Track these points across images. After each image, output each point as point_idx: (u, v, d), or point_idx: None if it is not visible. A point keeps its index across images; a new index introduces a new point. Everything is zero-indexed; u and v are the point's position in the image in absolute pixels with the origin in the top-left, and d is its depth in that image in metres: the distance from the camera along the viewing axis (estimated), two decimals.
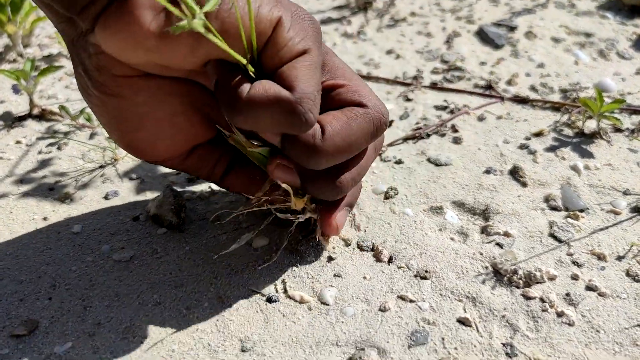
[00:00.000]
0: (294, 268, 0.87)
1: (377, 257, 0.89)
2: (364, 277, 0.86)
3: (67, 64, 1.50)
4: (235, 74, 0.58)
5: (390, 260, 0.89)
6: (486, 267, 0.87)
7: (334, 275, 0.86)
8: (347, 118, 0.63)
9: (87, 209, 1.01)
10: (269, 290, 0.83)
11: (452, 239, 0.93)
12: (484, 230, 0.94)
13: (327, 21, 1.69)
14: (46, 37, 1.67)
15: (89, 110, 1.21)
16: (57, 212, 1.00)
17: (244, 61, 0.59)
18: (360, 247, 0.91)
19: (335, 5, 1.82)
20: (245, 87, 0.57)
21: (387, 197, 1.02)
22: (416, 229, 0.95)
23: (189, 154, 0.78)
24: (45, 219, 0.98)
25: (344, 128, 0.63)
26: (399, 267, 0.88)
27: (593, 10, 1.75)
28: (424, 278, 0.85)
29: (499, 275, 0.85)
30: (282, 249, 0.89)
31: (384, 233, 0.94)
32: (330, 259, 0.89)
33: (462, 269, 0.87)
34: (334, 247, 0.91)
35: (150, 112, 0.67)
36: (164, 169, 1.10)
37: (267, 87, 0.56)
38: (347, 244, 0.91)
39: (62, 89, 1.39)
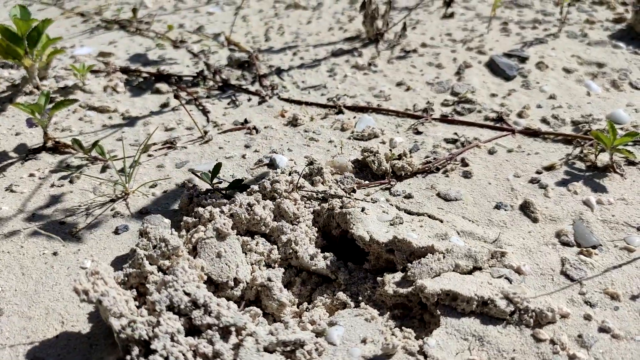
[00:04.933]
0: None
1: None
2: (368, 319, 0.85)
3: (82, 97, 1.52)
4: None
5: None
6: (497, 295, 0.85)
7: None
8: None
9: (97, 244, 1.02)
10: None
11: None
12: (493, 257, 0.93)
13: (338, 53, 1.71)
14: (62, 68, 1.70)
15: (101, 143, 1.22)
16: (67, 247, 1.00)
17: None
18: None
19: (347, 36, 1.83)
20: None
21: (392, 224, 1.01)
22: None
23: None
24: (55, 253, 0.99)
25: None
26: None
27: (605, 39, 1.74)
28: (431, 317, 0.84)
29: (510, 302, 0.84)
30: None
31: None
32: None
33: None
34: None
35: None
36: (175, 205, 1.11)
37: None
38: None
39: (76, 121, 1.41)
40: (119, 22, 2.05)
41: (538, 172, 1.17)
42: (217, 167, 1.09)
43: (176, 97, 1.25)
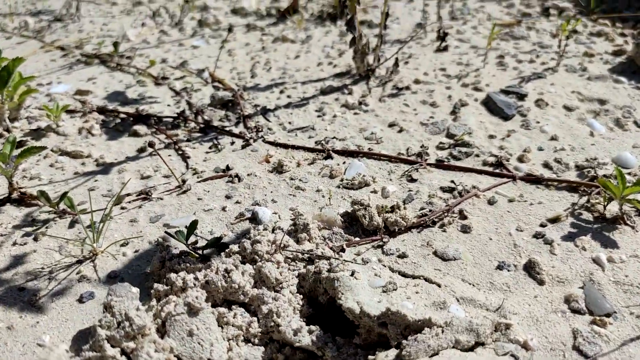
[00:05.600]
0: None
1: None
2: None
3: (55, 140, 1.43)
4: None
5: None
6: None
7: None
8: None
9: (59, 314, 0.91)
10: None
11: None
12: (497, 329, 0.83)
13: (327, 90, 1.62)
14: (37, 108, 1.61)
15: (71, 193, 1.13)
16: (24, 319, 0.90)
17: None
18: None
19: (337, 72, 1.75)
20: None
21: (385, 290, 0.91)
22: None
23: None
24: (10, 327, 0.89)
25: None
26: None
27: (606, 74, 1.67)
28: None
29: None
30: None
31: None
32: None
33: None
34: None
35: None
36: (148, 267, 1.01)
37: None
38: None
39: (46, 168, 1.32)
40: (100, 57, 1.96)
41: (542, 225, 1.08)
42: (193, 225, 1.00)
43: (150, 145, 1.16)
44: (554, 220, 1.09)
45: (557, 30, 2.03)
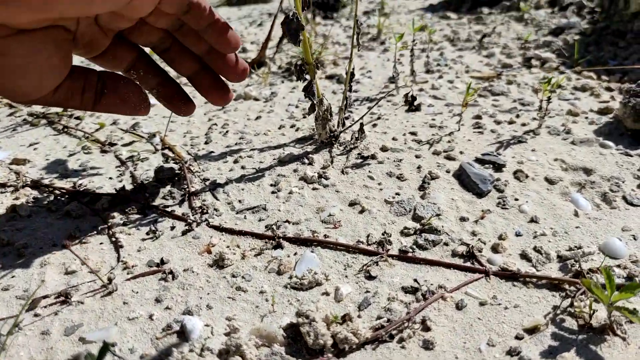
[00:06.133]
0: None
1: None
2: None
3: None
4: None
5: None
6: None
7: None
8: None
9: None
10: None
11: None
12: None
13: (286, 160, 1.47)
14: None
15: None
16: None
17: None
18: None
19: (299, 136, 1.61)
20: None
21: None
22: None
23: (57, 88, 0.92)
24: None
25: None
26: None
27: (592, 137, 1.53)
28: None
29: None
30: None
31: None
32: None
33: None
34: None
35: (32, 61, 0.81)
36: None
37: None
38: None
39: None
40: (47, 117, 1.82)
41: (518, 337, 0.92)
42: (104, 350, 0.84)
43: (64, 246, 1.01)
44: (532, 330, 0.94)
45: (539, 83, 1.90)
